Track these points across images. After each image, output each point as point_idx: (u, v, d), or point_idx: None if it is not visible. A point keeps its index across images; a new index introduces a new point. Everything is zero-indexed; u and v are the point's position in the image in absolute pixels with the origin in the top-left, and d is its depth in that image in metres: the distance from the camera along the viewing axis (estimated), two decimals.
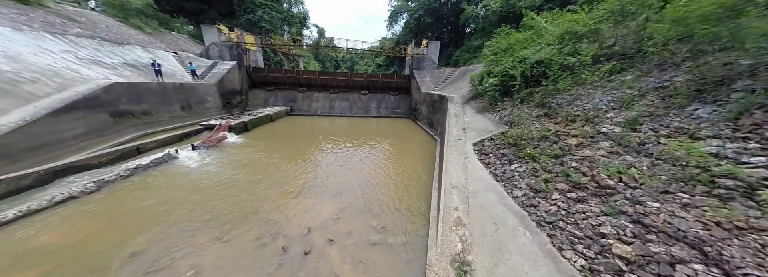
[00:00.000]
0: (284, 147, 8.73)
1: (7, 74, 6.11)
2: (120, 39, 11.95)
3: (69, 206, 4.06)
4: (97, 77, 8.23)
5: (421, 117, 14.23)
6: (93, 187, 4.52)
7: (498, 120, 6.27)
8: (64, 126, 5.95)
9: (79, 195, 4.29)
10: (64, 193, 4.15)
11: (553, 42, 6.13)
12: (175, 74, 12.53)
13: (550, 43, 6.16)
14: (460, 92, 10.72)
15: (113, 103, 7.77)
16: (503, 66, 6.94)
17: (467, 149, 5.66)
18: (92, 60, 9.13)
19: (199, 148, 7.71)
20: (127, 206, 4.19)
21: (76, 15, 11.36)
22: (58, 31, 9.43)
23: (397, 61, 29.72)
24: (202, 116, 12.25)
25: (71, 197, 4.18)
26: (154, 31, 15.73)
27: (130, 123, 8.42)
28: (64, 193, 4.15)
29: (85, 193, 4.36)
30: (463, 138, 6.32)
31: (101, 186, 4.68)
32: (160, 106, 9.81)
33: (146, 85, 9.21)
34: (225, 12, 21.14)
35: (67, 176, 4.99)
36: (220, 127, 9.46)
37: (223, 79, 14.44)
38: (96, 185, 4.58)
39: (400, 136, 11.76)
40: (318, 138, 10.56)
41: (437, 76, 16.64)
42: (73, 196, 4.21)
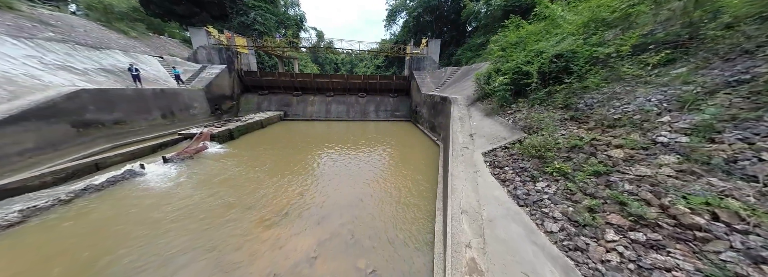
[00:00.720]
0: (271, 158, 7.85)
1: None
2: (98, 43, 11.27)
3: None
4: (61, 84, 7.46)
5: (422, 120, 13.33)
6: (16, 218, 3.66)
7: (511, 125, 5.35)
8: (6, 140, 5.13)
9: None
10: None
11: (576, 32, 5.22)
12: (158, 79, 11.80)
13: (572, 33, 5.25)
14: (465, 93, 9.82)
15: (77, 113, 6.97)
16: (514, 62, 6.05)
17: (476, 160, 4.74)
18: (60, 65, 8.39)
19: (173, 161, 6.86)
20: (48, 245, 3.30)
21: (51, 19, 10.71)
22: (25, 35, 8.73)
23: (397, 61, 28.98)
24: (187, 124, 11.46)
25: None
26: (141, 35, 15.11)
27: (99, 134, 7.61)
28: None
29: (1, 226, 3.49)
30: (470, 146, 5.39)
31: (29, 216, 3.82)
32: (136, 114, 9.03)
33: (119, 92, 8.43)
34: (217, 15, 20.57)
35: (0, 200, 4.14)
36: (201, 135, 8.63)
37: (212, 84, 13.70)
38: (21, 215, 3.72)
39: (400, 141, 10.85)
40: (310, 146, 9.69)
41: (438, 77, 15.78)
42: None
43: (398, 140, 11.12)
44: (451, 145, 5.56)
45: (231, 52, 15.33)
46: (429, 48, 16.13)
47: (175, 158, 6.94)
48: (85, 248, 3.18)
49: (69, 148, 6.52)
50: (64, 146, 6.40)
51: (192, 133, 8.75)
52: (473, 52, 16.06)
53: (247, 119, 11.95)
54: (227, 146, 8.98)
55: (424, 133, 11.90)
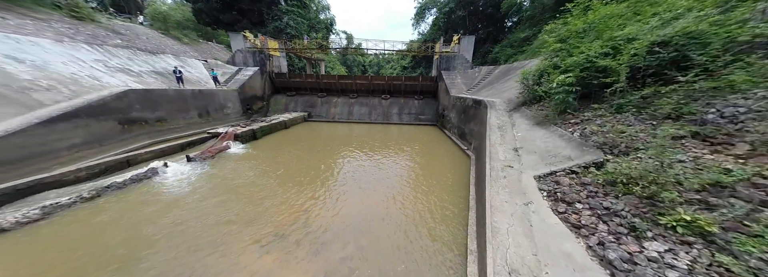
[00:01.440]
0: (286, 162, 7.56)
1: (22, 82, 6.17)
2: (155, 49, 12.72)
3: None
4: (116, 84, 8.32)
5: (450, 125, 11.97)
6: (37, 214, 3.74)
7: (579, 139, 3.92)
8: (57, 136, 5.65)
9: (13, 227, 3.50)
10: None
11: (698, 5, 3.58)
12: (200, 81, 12.82)
13: (689, 8, 3.62)
14: (504, 95, 8.31)
15: (124, 111, 7.63)
16: (582, 55, 4.55)
17: (527, 186, 3.50)
18: (120, 68, 9.48)
19: (195, 160, 6.99)
20: (46, 251, 3.19)
21: (123, 28, 12.42)
22: (98, 42, 10.13)
23: (424, 62, 27.69)
24: (221, 122, 12.17)
25: (0, 230, 3.39)
26: (192, 41, 16.90)
27: (142, 131, 8.27)
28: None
29: (21, 223, 3.57)
30: (515, 165, 4.13)
31: (50, 213, 3.91)
32: (176, 112, 9.73)
33: (162, 92, 9.14)
34: (256, 21, 22.15)
35: (35, 194, 4.41)
36: (226, 135, 8.85)
37: (245, 85, 14.48)
38: (41, 212, 3.80)
39: (424, 149, 9.74)
40: (328, 150, 9.25)
41: (471, 77, 14.18)
42: (3, 228, 3.42)
43: (422, 147, 10.03)
44: (487, 160, 4.36)
45: (264, 55, 16.11)
46: (461, 46, 14.64)
47: (198, 158, 7.07)
48: (56, 265, 2.92)
49: (113, 143, 7.11)
50: (109, 142, 6.98)
51: (219, 132, 9.04)
52: (514, 48, 14.04)
53: (271, 120, 12.20)
54: (249, 147, 9.06)
55: (452, 141, 10.56)
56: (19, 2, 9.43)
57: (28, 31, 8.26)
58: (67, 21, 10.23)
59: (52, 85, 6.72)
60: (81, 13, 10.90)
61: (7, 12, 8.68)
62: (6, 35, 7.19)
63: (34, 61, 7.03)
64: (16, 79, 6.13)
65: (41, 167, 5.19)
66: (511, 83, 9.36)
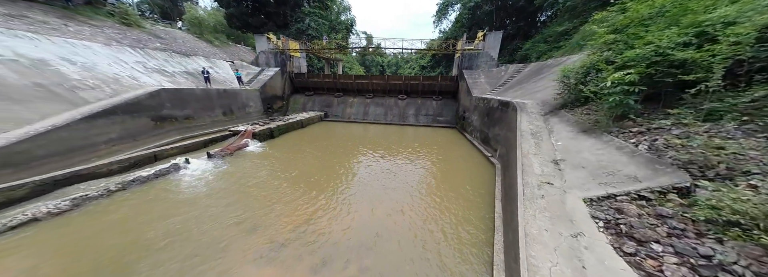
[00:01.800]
0: (299, 162, 7.48)
1: (72, 82, 6.84)
2: (188, 51, 13.70)
3: (19, 233, 3.43)
4: (151, 84, 8.98)
5: (471, 128, 11.09)
6: (67, 205, 3.96)
7: (647, 153, 3.08)
8: (97, 131, 6.13)
9: (45, 217, 3.72)
10: (27, 214, 3.61)
11: None
12: (226, 81, 13.53)
13: None
14: (537, 96, 7.34)
15: (156, 108, 8.17)
16: (650, 47, 3.64)
17: (574, 211, 2.81)
18: (157, 69, 10.27)
19: (215, 157, 7.20)
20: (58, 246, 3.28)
21: (163, 33, 13.57)
22: (141, 45, 11.11)
23: (445, 61, 26.55)
24: (243, 121, 12.70)
25: (34, 220, 3.61)
26: (222, 44, 18.04)
27: (172, 127, 8.81)
28: (27, 214, 3.61)
29: (53, 214, 3.78)
30: (556, 181, 3.40)
31: (79, 204, 4.13)
32: (202, 111, 10.28)
33: (190, 91, 9.69)
34: (280, 24, 23.05)
35: (70, 185, 4.75)
36: (245, 133, 9.08)
37: (266, 85, 15.01)
38: (71, 203, 4.02)
39: (442, 153, 9.06)
40: (341, 152, 9.05)
41: (496, 76, 13.06)
42: (37, 218, 3.64)
43: (440, 151, 9.35)
44: (519, 173, 3.67)
45: (284, 55, 16.58)
46: (486, 42, 13.55)
47: (217, 155, 7.27)
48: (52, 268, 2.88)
49: (146, 138, 7.62)
50: (142, 137, 7.49)
51: (238, 130, 9.32)
52: (550, 44, 12.60)
53: (288, 119, 12.41)
54: (266, 145, 9.21)
55: (473, 145, 9.71)
56: (80, 12, 10.69)
57: (83, 36, 9.28)
58: (117, 27, 11.40)
59: (97, 84, 7.38)
60: (129, 20, 12.09)
61: (69, 20, 9.86)
62: (65, 40, 8.10)
63: (84, 63, 7.81)
64: (67, 79, 6.82)
65: (82, 159, 5.65)
66: (545, 82, 8.28)
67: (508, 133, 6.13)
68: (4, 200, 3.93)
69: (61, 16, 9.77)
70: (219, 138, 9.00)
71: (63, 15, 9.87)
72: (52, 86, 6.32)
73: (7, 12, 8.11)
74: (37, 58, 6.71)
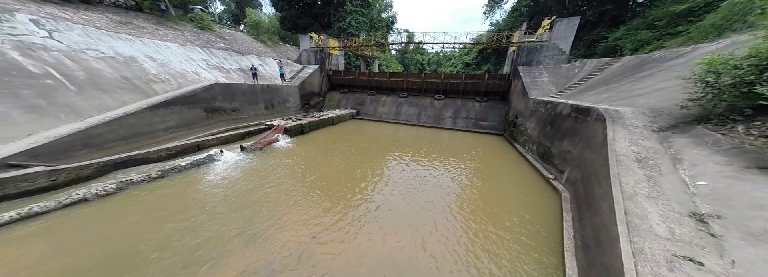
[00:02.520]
0: (323, 163, 7.19)
1: (149, 76, 8.01)
2: (244, 50, 15.24)
3: (63, 213, 3.81)
4: (209, 79, 10.06)
5: (525, 138, 9.08)
6: (112, 188, 4.36)
7: None
8: (159, 119, 6.97)
9: (93, 198, 4.14)
10: (79, 194, 4.06)
11: None
12: (272, 77, 14.57)
13: None
14: (640, 102, 5.24)
15: (209, 101, 9.06)
16: None
17: None
18: (217, 66, 11.56)
19: (247, 150, 7.50)
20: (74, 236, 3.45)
21: (227, 35, 15.42)
22: (208, 45, 12.73)
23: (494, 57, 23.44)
24: (282, 115, 13.48)
25: (83, 200, 4.03)
26: (274, 44, 19.71)
27: (221, 118, 9.72)
28: (79, 194, 4.06)
29: (99, 195, 4.19)
30: (709, 260, 1.91)
31: (123, 188, 4.55)
32: (248, 104, 11.15)
33: (238, 86, 10.56)
34: (325, 23, 24.06)
35: (127, 168, 5.36)
36: (277, 128, 9.37)
37: (305, 82, 15.66)
38: (116, 186, 4.43)
39: (483, 167, 7.55)
40: (367, 154, 8.49)
41: (564, 74, 10.47)
42: (86, 198, 4.07)
43: (482, 163, 7.84)
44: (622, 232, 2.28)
45: (324, 53, 17.01)
46: (554, 32, 10.95)
47: (250, 148, 7.56)
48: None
49: (198, 128, 8.51)
50: (195, 127, 8.37)
51: (273, 124, 9.69)
52: (657, 30, 9.36)
53: (320, 116, 12.55)
54: (294, 141, 9.34)
55: (526, 160, 7.84)
56: (170, 19, 12.84)
57: (167, 38, 11.04)
58: (194, 30, 13.34)
59: (167, 78, 8.53)
60: (203, 25, 14.05)
61: (161, 25, 11.90)
62: (153, 41, 9.67)
63: (162, 60, 9.16)
64: (146, 73, 8.02)
65: (144, 143, 6.47)
66: (653, 82, 5.93)
67: (589, 154, 4.42)
68: (75, 177, 4.58)
69: (156, 22, 11.87)
70: (255, 131, 9.51)
71: (157, 21, 11.99)
72: (134, 79, 7.47)
73: (120, 19, 10.17)
74: (129, 55, 8.08)
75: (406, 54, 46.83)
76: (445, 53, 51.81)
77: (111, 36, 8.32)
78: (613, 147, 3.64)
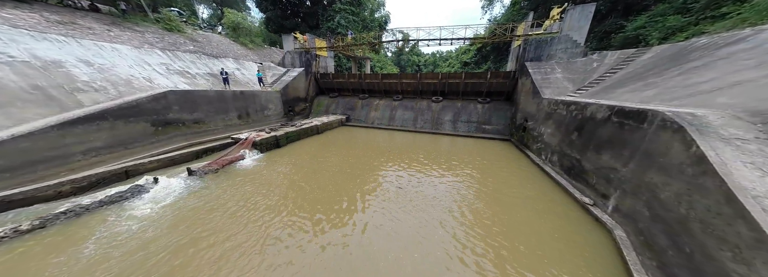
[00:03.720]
0: (296, 184, 5.67)
1: (77, 84, 6.46)
2: (220, 53, 13.76)
3: None
4: (165, 85, 8.53)
5: (540, 147, 7.53)
6: None
7: None
8: (74, 139, 5.40)
9: None
10: None
11: None
12: (250, 82, 13.07)
13: None
14: (718, 102, 3.69)
15: (160, 112, 7.51)
16: None
17: None
18: (180, 71, 10.04)
19: (198, 174, 5.91)
20: None
21: (200, 37, 13.97)
22: (173, 48, 11.24)
23: (494, 55, 22.07)
24: (261, 124, 11.93)
25: None
26: (256, 46, 18.28)
27: (178, 132, 8.15)
28: None
29: None
30: None
31: None
32: (215, 114, 9.60)
33: (203, 93, 9.02)
34: (313, 24, 22.71)
35: None
36: (244, 142, 7.80)
37: (288, 87, 14.16)
38: None
39: (491, 183, 5.97)
40: (347, 171, 6.92)
41: (581, 69, 8.99)
42: None
43: (492, 179, 6.26)
44: None
45: (310, 55, 15.56)
46: (566, 22, 9.52)
47: (201, 171, 5.98)
48: None
49: (142, 146, 6.93)
50: (137, 146, 6.79)
51: (240, 138, 8.12)
52: (692, 14, 7.92)
53: (302, 124, 10.99)
54: (265, 158, 7.75)
55: (545, 173, 6.27)
56: (130, 19, 11.36)
57: (119, 40, 9.54)
58: (159, 32, 11.87)
59: (104, 86, 6.98)
60: (171, 26, 12.60)
61: (116, 26, 10.42)
62: (95, 43, 8.16)
63: (103, 65, 7.63)
64: (73, 80, 6.47)
65: (46, 174, 4.87)
66: (721, 74, 4.42)
67: (661, 179, 2.86)
68: None
69: (110, 23, 10.40)
70: (219, 147, 7.93)
71: (112, 22, 10.52)
72: (51, 88, 5.92)
73: (59, 19, 8.69)
74: (52, 59, 6.56)
75: (402, 56, 45.68)
76: (441, 54, 50.68)
77: (33, 36, 6.80)
78: (734, 179, 2.09)
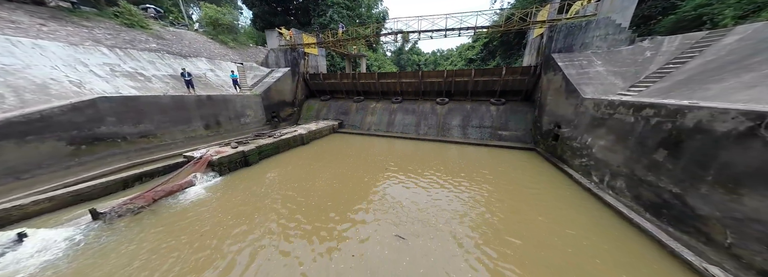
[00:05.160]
0: (257, 226, 3.78)
1: None
2: (191, 53, 12.00)
3: None
4: (99, 91, 6.74)
5: (587, 163, 5.57)
6: None
7: None
8: None
9: None
10: None
11: None
12: (225, 85, 11.30)
13: None
14: None
15: (83, 126, 5.71)
16: None
17: None
18: (129, 72, 8.26)
19: (108, 217, 4.08)
20: None
21: (168, 34, 12.21)
22: (128, 46, 9.48)
23: (501, 50, 20.04)
24: (237, 134, 10.13)
25: None
26: (240, 45, 16.52)
27: (114, 151, 6.35)
28: None
29: None
30: None
31: None
32: (172, 124, 7.80)
33: (152, 100, 7.22)
34: (304, 21, 20.95)
35: None
36: (197, 163, 5.96)
37: (271, 89, 12.35)
38: None
39: (529, 219, 4.04)
40: (332, 201, 5.04)
41: (628, 61, 7.03)
42: None
43: (524, 207, 4.33)
44: None
45: (297, 52, 13.75)
46: (605, 2, 7.59)
47: (112, 213, 4.15)
48: None
49: (49, 174, 5.11)
50: (40, 173, 4.97)
51: (194, 156, 6.28)
52: None
53: (282, 134, 9.14)
54: (223, 184, 5.89)
55: (599, 199, 4.33)
56: (77, 13, 9.63)
57: (52, 36, 7.79)
58: (115, 28, 10.14)
59: (1, 93, 5.18)
60: (132, 21, 10.87)
61: (55, 21, 8.68)
62: (7, 39, 6.39)
63: (11, 65, 5.86)
64: None
65: None
66: None
67: None
68: None
69: (49, 16, 8.68)
70: (161, 170, 6.08)
71: (52, 16, 8.80)
72: None
73: None
74: None
75: (402, 55, 43.82)
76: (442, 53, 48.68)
77: None
78: None
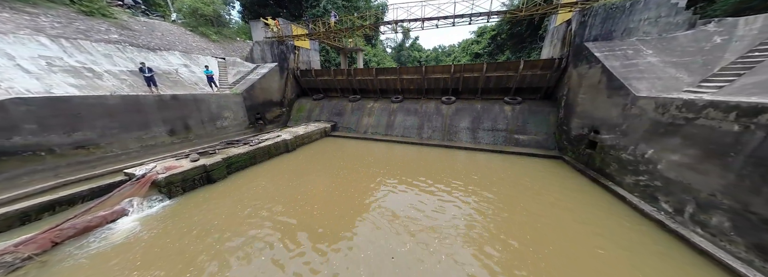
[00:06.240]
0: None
1: None
2: (162, 46, 10.55)
3: None
4: (19, 91, 5.34)
5: (655, 187, 4.13)
6: None
7: None
8: None
9: None
10: None
11: None
12: (199, 83, 9.88)
13: None
14: None
15: None
16: None
17: None
18: (75, 67, 6.85)
19: None
20: None
21: (136, 24, 10.76)
22: (80, 36, 8.05)
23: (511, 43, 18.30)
24: (210, 140, 8.75)
25: None
26: (224, 38, 15.03)
27: (36, 166, 4.99)
28: None
29: None
30: None
31: None
32: (122, 131, 6.43)
33: (95, 101, 5.84)
34: (297, 13, 19.35)
35: None
36: (138, 183, 4.58)
37: (255, 87, 10.92)
38: None
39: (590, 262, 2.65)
40: (308, 227, 3.65)
41: (690, 49, 5.50)
42: None
43: (584, 250, 2.93)
44: None
45: (285, 46, 12.27)
46: None
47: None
48: None
49: None
50: None
51: (136, 174, 4.89)
52: None
53: (259, 141, 7.73)
54: (169, 211, 4.51)
55: (669, 232, 2.92)
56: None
57: None
58: (70, 16, 8.70)
59: None
60: (91, 8, 9.41)
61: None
62: None
63: None
64: None
65: None
66: None
67: None
68: None
69: None
70: (87, 194, 4.70)
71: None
72: None
73: None
74: None
75: (402, 51, 42.01)
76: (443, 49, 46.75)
77: None
78: None
